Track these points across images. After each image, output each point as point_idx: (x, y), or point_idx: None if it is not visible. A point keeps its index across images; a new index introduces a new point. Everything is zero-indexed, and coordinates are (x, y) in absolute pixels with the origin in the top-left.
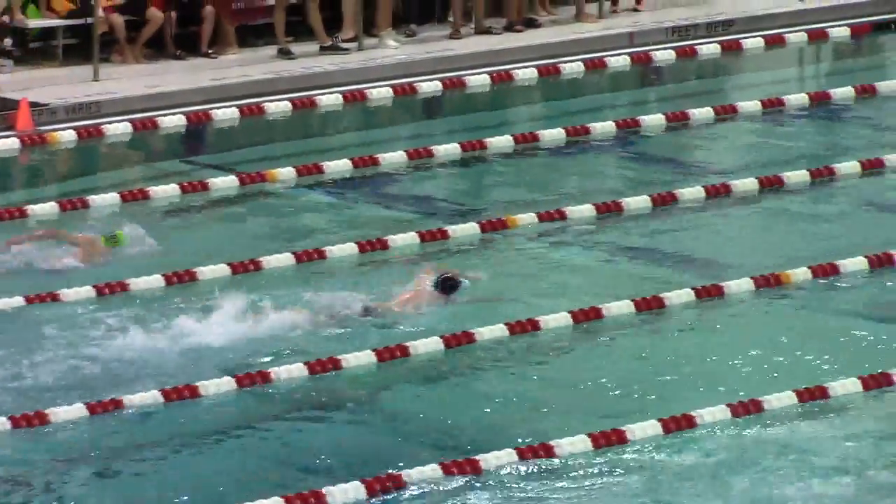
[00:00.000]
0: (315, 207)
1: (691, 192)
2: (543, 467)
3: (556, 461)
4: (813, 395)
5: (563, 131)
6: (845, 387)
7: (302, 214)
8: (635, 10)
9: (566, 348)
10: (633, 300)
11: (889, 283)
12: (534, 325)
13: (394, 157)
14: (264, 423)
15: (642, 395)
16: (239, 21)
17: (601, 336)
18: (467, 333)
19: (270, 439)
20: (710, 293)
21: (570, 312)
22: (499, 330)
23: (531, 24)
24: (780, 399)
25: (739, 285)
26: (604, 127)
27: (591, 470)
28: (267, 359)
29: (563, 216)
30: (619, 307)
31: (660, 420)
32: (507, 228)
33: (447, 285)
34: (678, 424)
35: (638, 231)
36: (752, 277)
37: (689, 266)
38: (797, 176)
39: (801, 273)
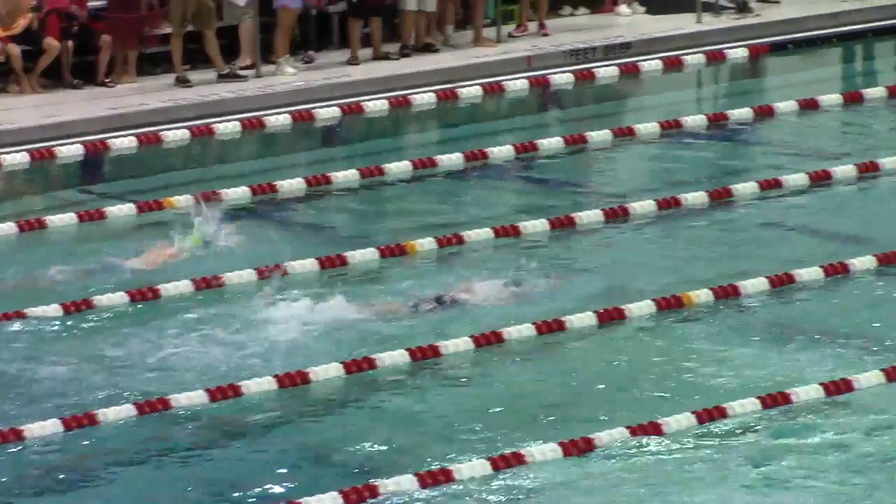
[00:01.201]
0: (213, 235)
1: (589, 216)
2: (445, 491)
3: (455, 486)
4: (712, 416)
5: (461, 156)
6: (744, 406)
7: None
8: (535, 34)
9: (467, 373)
10: (533, 324)
11: (790, 303)
12: (434, 352)
13: (292, 184)
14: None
15: (542, 419)
16: (136, 49)
17: (503, 360)
18: (368, 359)
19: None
20: (611, 316)
21: (471, 337)
22: (399, 356)
23: (429, 49)
24: (679, 421)
25: (640, 308)
26: (502, 151)
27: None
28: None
29: (461, 241)
30: (520, 330)
31: (560, 443)
32: (405, 254)
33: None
34: (578, 448)
35: (537, 255)
36: (653, 300)
37: (590, 289)
38: (696, 197)
39: (702, 294)
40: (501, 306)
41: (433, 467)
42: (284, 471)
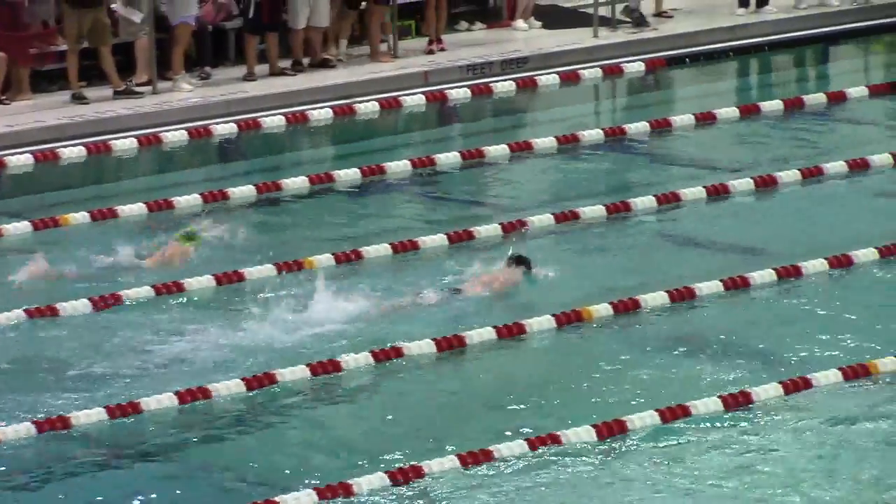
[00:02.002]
0: (110, 252)
1: (488, 230)
2: None
3: (354, 499)
4: (612, 430)
5: (358, 171)
6: (643, 419)
7: (98, 259)
8: (430, 50)
9: (368, 388)
10: (433, 339)
11: (690, 316)
12: (335, 366)
13: (189, 200)
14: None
15: (441, 432)
16: (29, 67)
17: (401, 374)
18: (269, 375)
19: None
20: (511, 331)
21: (370, 352)
22: (300, 371)
23: (326, 64)
24: (579, 434)
25: (540, 323)
26: (399, 166)
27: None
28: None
29: (359, 256)
30: (420, 346)
31: (458, 455)
32: (303, 269)
33: (523, 261)
34: (476, 459)
35: (435, 270)
36: (553, 315)
37: (489, 304)
38: (594, 211)
39: (602, 309)
40: (403, 318)
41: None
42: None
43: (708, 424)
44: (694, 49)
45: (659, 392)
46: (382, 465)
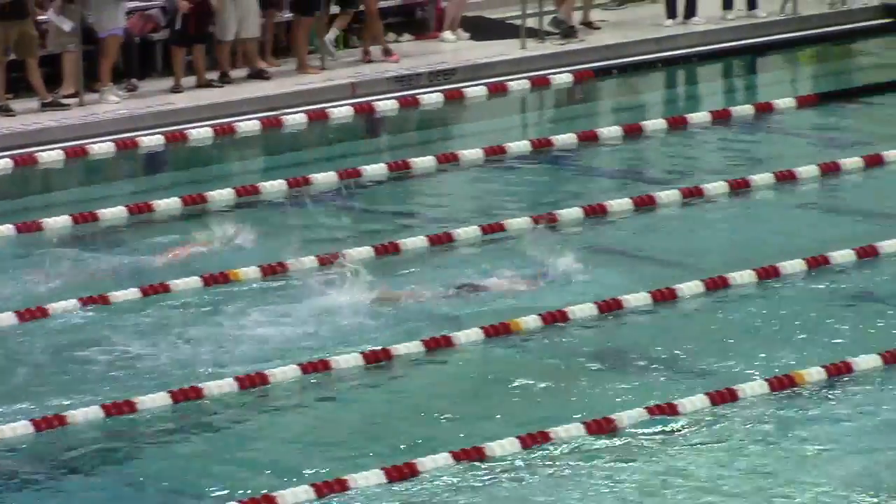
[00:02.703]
0: (36, 264)
1: (414, 242)
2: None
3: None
4: (537, 441)
5: (284, 183)
6: (569, 431)
7: (21, 272)
8: (359, 61)
9: (296, 400)
10: (361, 353)
11: (618, 328)
12: (262, 379)
13: (114, 213)
14: None
15: (367, 445)
16: None
17: (329, 387)
18: (195, 388)
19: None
20: (438, 343)
21: (298, 365)
22: (227, 384)
23: (260, 75)
24: (504, 446)
25: (468, 335)
26: (326, 178)
27: None
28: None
29: (284, 269)
30: (347, 360)
31: (383, 469)
32: (229, 282)
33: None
34: (401, 473)
35: (361, 282)
36: (481, 327)
37: (421, 317)
38: (519, 223)
39: (530, 321)
40: (332, 330)
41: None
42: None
43: (634, 436)
44: (622, 60)
45: (585, 404)
46: (308, 478)
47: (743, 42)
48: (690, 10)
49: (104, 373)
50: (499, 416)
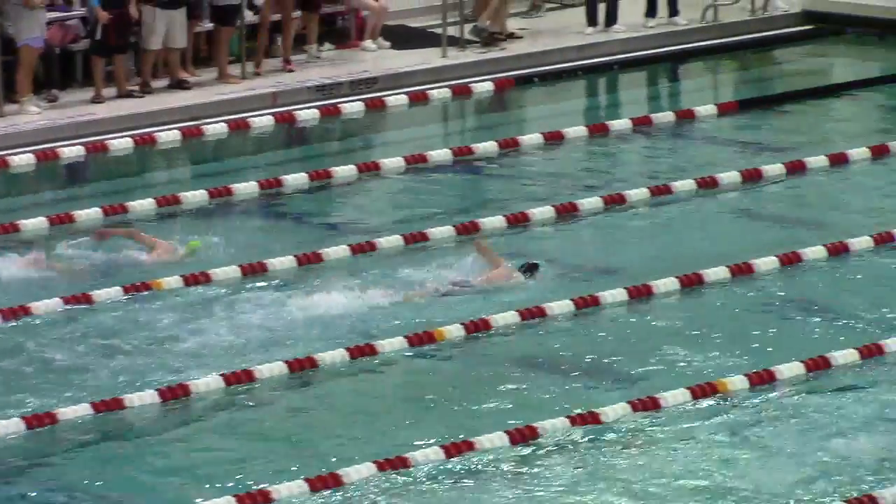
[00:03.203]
0: None
1: (336, 252)
2: None
3: None
4: (460, 450)
5: (206, 193)
6: (492, 441)
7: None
8: (280, 70)
9: (222, 410)
10: (285, 361)
11: (541, 336)
12: (185, 391)
13: (35, 224)
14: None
15: (290, 456)
16: None
17: (251, 399)
18: (117, 400)
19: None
20: (363, 352)
21: (221, 375)
22: (149, 396)
23: (180, 85)
24: (427, 455)
25: (392, 344)
26: (247, 187)
27: None
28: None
29: (208, 279)
30: (272, 369)
31: (306, 479)
32: (151, 290)
33: (531, 268)
34: (325, 483)
35: (283, 292)
36: (405, 336)
37: (339, 326)
38: (442, 232)
39: (453, 329)
40: (255, 340)
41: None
42: None
43: (557, 444)
44: (543, 68)
45: (508, 412)
46: (231, 489)
47: (664, 49)
48: (611, 18)
49: (26, 383)
50: (422, 426)
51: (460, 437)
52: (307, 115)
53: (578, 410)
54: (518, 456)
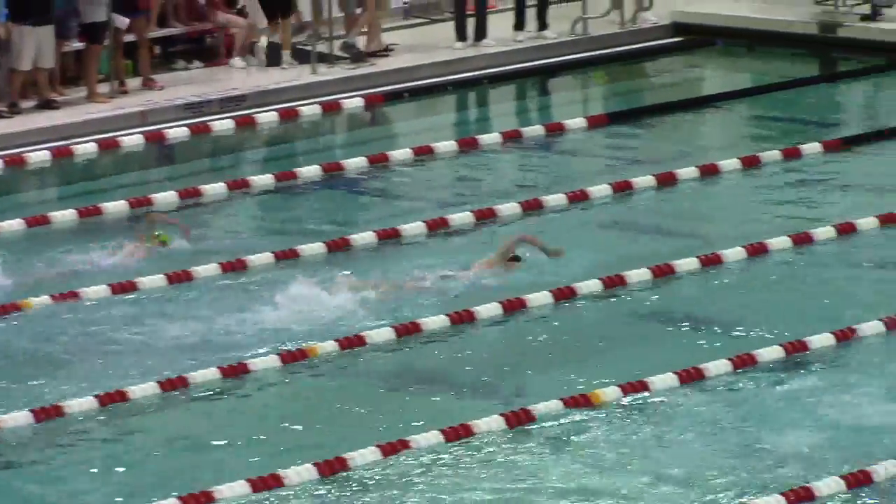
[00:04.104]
0: None
1: (207, 270)
2: None
3: None
4: (333, 468)
5: (75, 212)
6: (364, 456)
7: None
8: (149, 89)
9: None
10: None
11: (413, 351)
12: (57, 412)
13: None
14: None
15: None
16: None
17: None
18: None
19: None
20: (235, 371)
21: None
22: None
23: (49, 105)
24: (300, 473)
25: (266, 361)
26: (116, 206)
27: None
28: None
29: (76, 296)
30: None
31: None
32: (22, 310)
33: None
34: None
35: (155, 310)
36: (277, 353)
37: (207, 343)
38: (313, 249)
39: (328, 346)
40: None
41: None
42: None
43: (429, 457)
44: (413, 83)
45: (381, 426)
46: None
47: (534, 63)
48: (481, 33)
49: None
50: (294, 443)
51: (332, 455)
52: (177, 133)
53: (451, 423)
54: (391, 469)
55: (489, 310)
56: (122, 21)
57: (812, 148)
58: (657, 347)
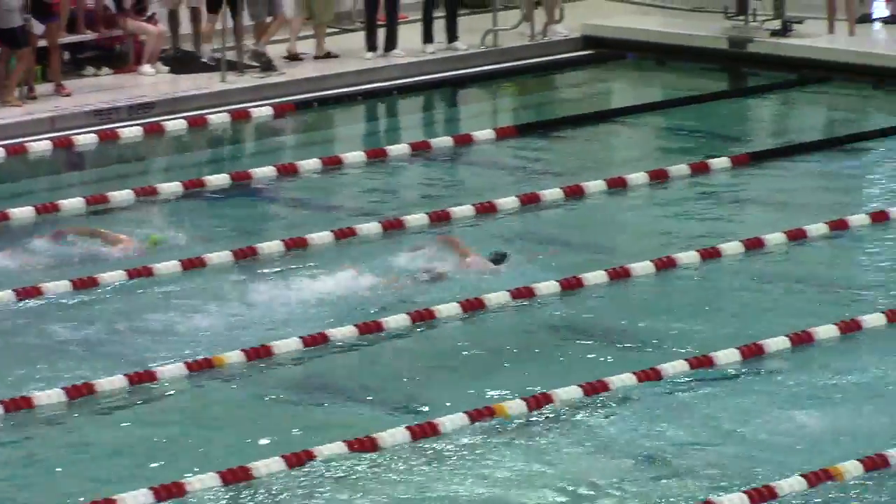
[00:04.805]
0: None
1: (112, 276)
2: None
3: None
4: (237, 476)
5: None
6: (269, 466)
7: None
8: (59, 95)
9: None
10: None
11: (322, 360)
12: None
13: None
14: None
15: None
16: None
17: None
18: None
19: None
20: (141, 378)
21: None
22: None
23: None
24: (203, 480)
25: (172, 371)
26: (22, 213)
27: None
28: None
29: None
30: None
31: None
32: None
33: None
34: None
35: (60, 316)
36: (184, 362)
37: (116, 359)
38: (221, 257)
39: (233, 356)
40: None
41: None
42: None
43: (333, 468)
44: (323, 93)
45: (287, 437)
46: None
47: (444, 74)
48: (391, 43)
49: None
50: (204, 454)
51: (237, 464)
52: (85, 139)
53: (356, 435)
54: (295, 480)
55: (397, 321)
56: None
57: (720, 163)
58: (564, 360)
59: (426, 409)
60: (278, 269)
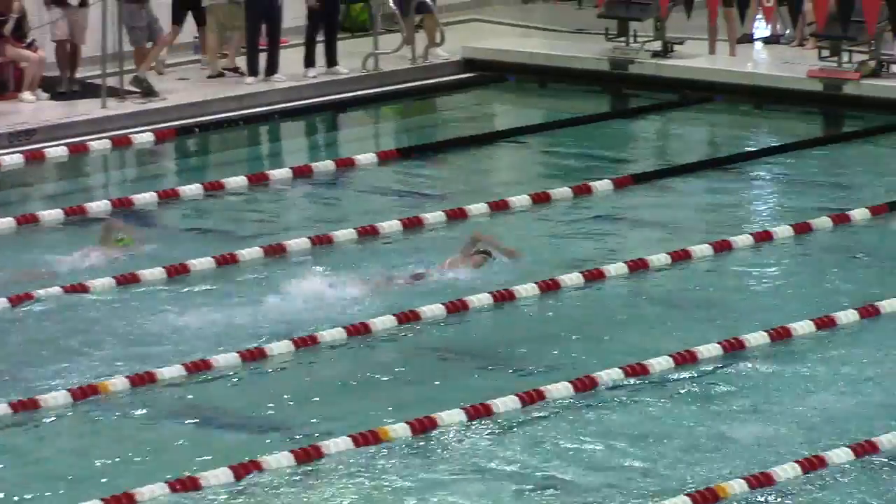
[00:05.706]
0: None
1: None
2: None
3: None
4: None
5: None
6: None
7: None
8: None
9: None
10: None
11: (204, 387)
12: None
13: None
14: None
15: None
16: None
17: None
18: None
19: None
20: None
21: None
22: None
23: None
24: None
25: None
26: None
27: None
28: None
29: None
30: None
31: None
32: None
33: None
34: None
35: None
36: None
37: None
38: (103, 285)
39: (118, 382)
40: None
41: None
42: None
43: (214, 496)
44: (204, 118)
45: (170, 462)
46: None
47: (325, 99)
48: (272, 68)
49: None
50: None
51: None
52: None
53: (240, 460)
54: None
55: (280, 347)
56: None
57: (603, 185)
58: (447, 383)
59: (307, 435)
60: (161, 296)
